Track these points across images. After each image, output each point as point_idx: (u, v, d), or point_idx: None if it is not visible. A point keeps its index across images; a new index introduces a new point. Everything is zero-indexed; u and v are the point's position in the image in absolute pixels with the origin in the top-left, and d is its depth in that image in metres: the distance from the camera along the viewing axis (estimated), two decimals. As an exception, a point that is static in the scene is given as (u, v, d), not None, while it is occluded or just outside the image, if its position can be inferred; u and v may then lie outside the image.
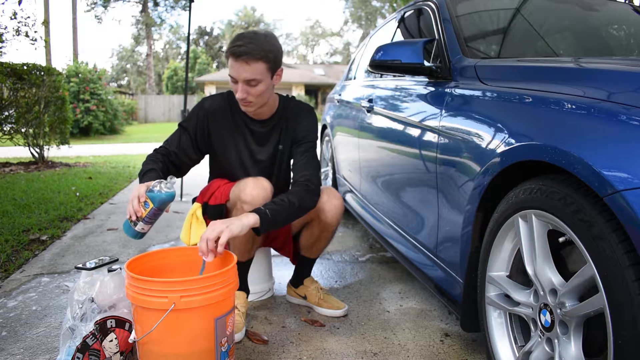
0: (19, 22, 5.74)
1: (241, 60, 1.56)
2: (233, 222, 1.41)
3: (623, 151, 0.88)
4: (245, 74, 1.58)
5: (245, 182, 1.66)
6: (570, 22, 2.11)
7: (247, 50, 1.54)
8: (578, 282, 0.97)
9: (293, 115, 1.82)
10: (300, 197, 1.59)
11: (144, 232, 1.53)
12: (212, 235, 1.36)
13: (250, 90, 1.61)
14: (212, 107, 1.81)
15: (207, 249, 1.36)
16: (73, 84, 14.36)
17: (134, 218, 1.48)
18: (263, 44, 1.57)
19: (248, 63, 1.56)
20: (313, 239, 1.87)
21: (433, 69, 1.74)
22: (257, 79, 1.59)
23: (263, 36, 1.59)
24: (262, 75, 1.60)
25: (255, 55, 1.55)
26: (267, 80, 1.63)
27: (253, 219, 1.44)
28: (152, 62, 32.45)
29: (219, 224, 1.40)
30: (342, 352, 1.60)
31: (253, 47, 1.55)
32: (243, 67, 1.57)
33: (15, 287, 2.16)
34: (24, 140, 6.55)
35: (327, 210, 1.77)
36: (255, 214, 1.46)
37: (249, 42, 1.55)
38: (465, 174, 1.39)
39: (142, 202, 1.48)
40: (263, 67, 1.59)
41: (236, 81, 1.61)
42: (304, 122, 1.81)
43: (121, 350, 1.45)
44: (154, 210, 1.48)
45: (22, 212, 3.52)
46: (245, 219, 1.43)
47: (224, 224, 1.39)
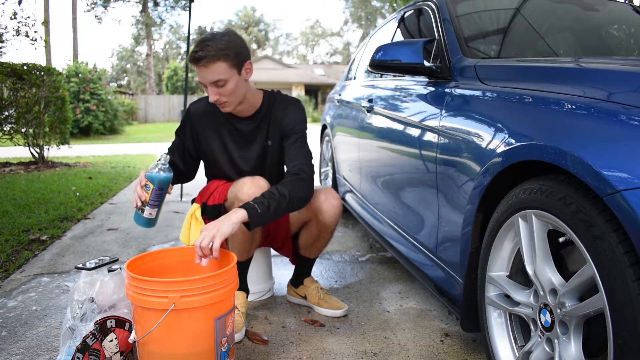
0: (19, 22, 5.74)
1: (201, 65, 1.57)
2: (223, 223, 1.41)
3: (623, 151, 0.88)
4: (209, 77, 1.59)
5: (243, 182, 1.66)
6: (570, 22, 2.11)
7: (203, 55, 1.55)
8: (578, 282, 0.97)
9: (279, 109, 1.80)
10: (292, 187, 1.57)
11: (153, 218, 1.59)
12: (204, 243, 1.37)
13: (220, 91, 1.62)
14: (198, 110, 1.83)
15: (202, 255, 1.38)
16: (73, 84, 14.36)
17: (139, 204, 1.56)
18: (219, 44, 1.56)
19: (207, 66, 1.57)
20: (312, 239, 1.87)
21: (433, 69, 1.74)
22: (222, 79, 1.59)
23: (220, 35, 1.59)
24: (227, 73, 1.59)
25: (212, 57, 1.55)
26: (234, 77, 1.62)
27: (242, 214, 1.44)
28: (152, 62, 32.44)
29: (210, 228, 1.40)
30: (342, 352, 1.60)
31: (209, 49, 1.55)
32: (204, 71, 1.58)
33: (15, 287, 2.16)
34: (24, 140, 6.55)
35: (325, 211, 1.77)
36: (243, 209, 1.45)
37: (204, 46, 1.55)
38: (465, 174, 1.39)
39: (144, 186, 1.57)
40: (224, 66, 1.58)
41: (205, 86, 1.63)
42: (290, 114, 1.78)
43: (121, 350, 1.45)
44: (156, 191, 1.56)
45: (22, 212, 3.52)
46: (234, 216, 1.43)
47: (215, 228, 1.39)
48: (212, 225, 1.41)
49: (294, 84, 28.11)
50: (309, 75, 29.31)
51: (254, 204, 1.48)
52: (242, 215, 1.44)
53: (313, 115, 25.71)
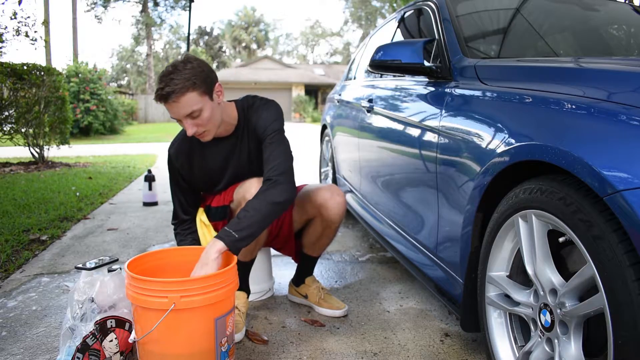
0: (19, 22, 5.75)
1: (170, 101, 1.49)
2: (206, 263, 1.39)
3: (623, 151, 0.88)
4: (182, 111, 1.51)
5: (250, 183, 1.66)
6: (570, 22, 2.11)
7: (170, 90, 1.47)
8: (578, 282, 0.97)
9: (252, 117, 1.74)
10: (269, 196, 1.52)
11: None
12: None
13: (197, 122, 1.55)
14: (177, 152, 1.75)
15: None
16: (73, 84, 14.36)
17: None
18: (183, 74, 1.48)
19: (177, 101, 1.49)
20: (316, 236, 1.87)
21: (433, 69, 1.74)
22: (196, 109, 1.51)
23: (182, 66, 1.51)
24: (199, 102, 1.52)
25: (180, 90, 1.47)
26: (208, 104, 1.55)
27: (219, 246, 1.41)
28: (152, 62, 32.43)
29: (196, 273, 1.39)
30: (342, 352, 1.60)
31: (174, 83, 1.47)
32: (176, 107, 1.50)
33: (15, 287, 2.16)
34: (24, 140, 6.56)
35: (330, 207, 1.77)
36: (220, 241, 1.42)
37: (169, 81, 1.47)
38: (465, 174, 1.39)
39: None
40: (195, 96, 1.50)
41: (179, 120, 1.55)
42: (262, 118, 1.72)
43: (121, 350, 1.45)
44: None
45: (22, 212, 3.52)
46: (212, 252, 1.40)
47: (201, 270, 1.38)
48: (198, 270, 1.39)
49: (294, 84, 28.10)
50: (309, 75, 29.31)
51: (229, 229, 1.45)
52: (220, 247, 1.42)
53: (313, 115, 25.71)
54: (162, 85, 1.48)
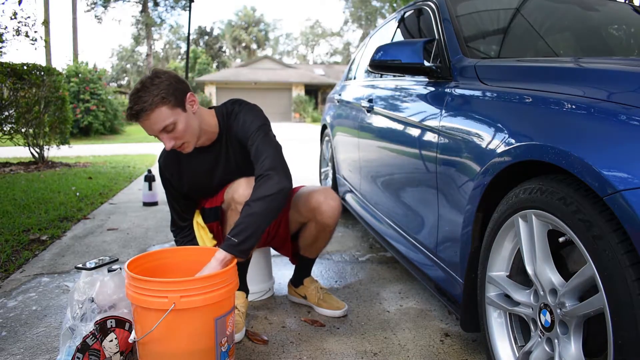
0: (19, 22, 5.75)
1: (141, 119, 1.49)
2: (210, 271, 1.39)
3: (623, 151, 0.88)
4: (155, 127, 1.50)
5: (238, 183, 1.66)
6: (570, 22, 2.11)
7: (139, 108, 1.47)
8: (578, 282, 0.97)
9: (232, 123, 1.72)
10: (263, 191, 1.49)
11: None
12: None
13: (173, 136, 1.53)
14: (165, 162, 1.76)
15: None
16: (73, 84, 14.36)
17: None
18: (151, 91, 1.47)
19: (148, 118, 1.48)
20: (311, 239, 1.87)
21: (433, 69, 1.74)
22: (169, 123, 1.50)
23: (149, 82, 1.49)
24: (171, 116, 1.50)
25: (150, 107, 1.46)
26: (181, 116, 1.53)
27: (220, 256, 1.41)
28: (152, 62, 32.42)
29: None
30: (342, 352, 1.60)
31: (143, 99, 1.46)
32: (148, 123, 1.50)
33: (15, 287, 2.16)
34: (24, 140, 6.56)
35: (324, 211, 1.77)
36: (222, 250, 1.42)
37: (137, 99, 1.47)
38: (465, 174, 1.39)
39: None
40: (165, 110, 1.49)
41: (156, 136, 1.55)
42: (240, 125, 1.69)
43: (121, 350, 1.45)
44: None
45: (22, 212, 3.52)
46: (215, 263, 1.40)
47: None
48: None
49: (294, 84, 28.10)
50: (309, 75, 29.30)
51: (229, 236, 1.44)
52: (223, 256, 1.41)
53: (313, 115, 25.71)
54: (132, 105, 1.49)
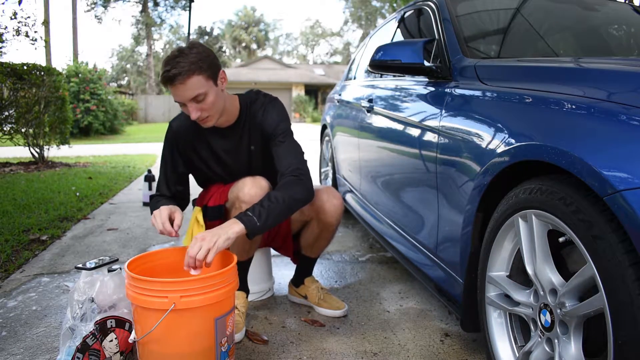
0: (19, 22, 5.75)
1: (176, 83, 1.49)
2: (219, 236, 1.37)
3: (623, 151, 0.88)
4: (186, 94, 1.51)
5: (244, 182, 1.65)
6: (570, 22, 2.11)
7: (177, 72, 1.47)
8: (578, 282, 0.97)
9: (257, 113, 1.75)
10: (291, 191, 1.53)
11: None
12: (200, 255, 1.33)
13: (201, 107, 1.55)
14: (180, 127, 1.75)
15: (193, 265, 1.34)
16: (73, 84, 14.36)
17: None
18: (190, 57, 1.49)
19: (184, 83, 1.49)
20: (313, 238, 1.87)
21: (433, 69, 1.74)
22: (201, 93, 1.52)
23: (188, 50, 1.52)
24: (204, 86, 1.52)
25: (187, 72, 1.48)
26: (212, 89, 1.55)
27: (238, 228, 1.41)
28: (152, 62, 32.43)
29: (207, 240, 1.35)
30: (342, 352, 1.60)
31: (181, 65, 1.48)
32: (181, 89, 1.50)
33: (15, 287, 2.16)
34: (24, 140, 6.56)
35: (327, 210, 1.77)
36: (240, 223, 1.41)
37: (176, 63, 1.48)
38: (465, 174, 1.39)
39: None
40: (201, 79, 1.51)
41: (184, 104, 1.55)
42: (269, 116, 1.72)
43: (121, 350, 1.45)
44: None
45: (22, 212, 3.52)
46: (231, 231, 1.39)
47: (212, 240, 1.35)
48: (209, 237, 1.36)
49: (294, 84, 28.11)
50: (309, 75, 29.31)
51: (252, 214, 1.44)
52: (239, 229, 1.41)
53: (313, 115, 25.71)
54: (169, 68, 1.49)
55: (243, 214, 1.44)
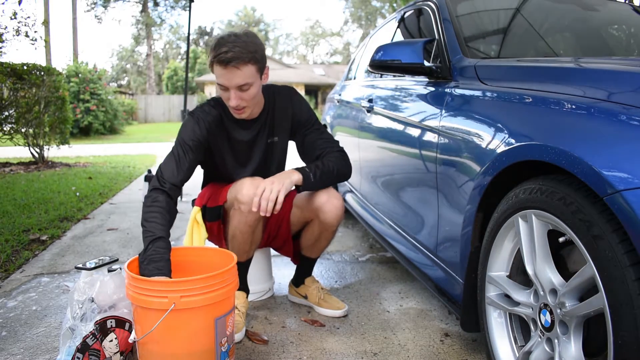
0: (19, 22, 5.75)
1: (231, 66, 1.48)
2: (283, 180, 1.55)
3: (623, 151, 0.88)
4: (237, 80, 1.51)
5: (242, 183, 1.65)
6: (570, 22, 2.11)
7: (235, 55, 1.46)
8: (578, 282, 0.97)
9: (283, 104, 1.77)
10: (338, 163, 1.70)
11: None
12: (273, 196, 1.51)
13: (243, 96, 1.56)
14: (207, 119, 1.70)
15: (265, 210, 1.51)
16: (73, 84, 14.36)
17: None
18: (248, 45, 1.49)
19: (239, 68, 1.49)
20: (313, 239, 1.87)
21: (433, 69, 1.74)
22: (249, 82, 1.53)
23: (245, 36, 1.51)
24: (253, 77, 1.54)
25: (244, 59, 1.48)
26: (258, 81, 1.58)
27: (296, 177, 1.58)
28: (152, 62, 32.43)
29: (275, 182, 1.53)
30: (342, 352, 1.60)
31: (239, 50, 1.47)
32: (234, 73, 1.50)
33: (15, 287, 2.16)
34: (24, 140, 6.56)
35: (327, 211, 1.77)
36: (299, 173, 1.59)
37: (234, 46, 1.46)
38: (465, 174, 1.39)
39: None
40: (253, 69, 1.53)
41: (227, 89, 1.55)
42: (298, 106, 1.79)
43: (121, 350, 1.45)
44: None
45: (22, 212, 3.52)
46: (293, 176, 1.58)
47: (279, 183, 1.53)
48: (277, 180, 1.54)
49: (294, 84, 28.09)
50: (309, 75, 29.31)
51: (309, 171, 1.61)
52: (298, 178, 1.59)
53: (313, 115, 25.65)
54: (226, 50, 1.47)
55: (300, 168, 1.61)
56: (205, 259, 1.56)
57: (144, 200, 1.55)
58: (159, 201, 1.51)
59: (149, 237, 1.43)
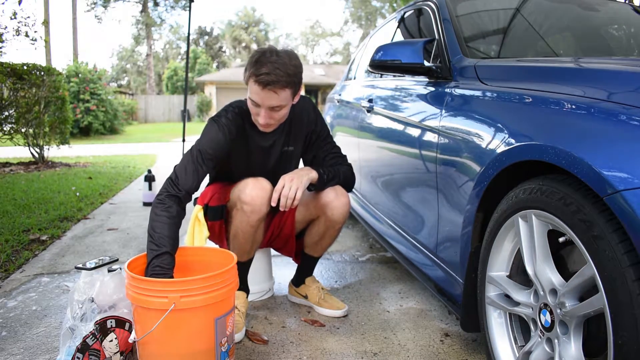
0: (19, 22, 5.74)
1: (268, 89, 1.48)
2: (302, 177, 1.64)
3: (623, 151, 0.88)
4: (271, 102, 1.52)
5: (245, 183, 1.65)
6: (570, 22, 2.11)
7: (275, 79, 1.46)
8: (578, 282, 0.97)
9: (299, 116, 1.79)
10: (347, 174, 1.82)
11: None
12: (292, 194, 1.59)
13: (273, 115, 1.57)
14: (231, 127, 1.66)
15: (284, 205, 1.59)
16: (73, 84, 14.36)
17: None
18: (288, 69, 1.49)
19: (276, 92, 1.50)
20: (318, 236, 1.87)
21: (433, 69, 1.74)
22: (282, 104, 1.55)
23: (287, 58, 1.50)
24: (287, 100, 1.56)
25: (282, 83, 1.48)
26: (290, 102, 1.60)
27: (314, 174, 1.68)
28: (152, 62, 32.43)
29: (294, 180, 1.61)
30: (342, 352, 1.60)
31: (280, 73, 1.47)
32: (270, 96, 1.50)
33: (15, 287, 2.16)
34: (24, 140, 6.56)
35: (334, 208, 1.77)
36: (315, 171, 1.69)
37: (275, 69, 1.46)
38: (465, 174, 1.39)
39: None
40: (289, 94, 1.55)
41: (258, 105, 1.55)
42: (316, 120, 1.84)
43: (121, 350, 1.45)
44: None
45: (22, 212, 3.52)
46: (311, 174, 1.68)
47: (298, 180, 1.61)
48: (296, 177, 1.62)
49: (294, 83, 28.04)
50: (309, 75, 29.29)
51: (324, 174, 1.71)
52: (314, 176, 1.69)
53: (313, 115, 25.64)
54: (267, 72, 1.46)
55: (315, 167, 1.73)
56: (205, 259, 1.56)
57: (154, 201, 1.51)
58: (170, 210, 1.47)
59: (155, 250, 1.40)
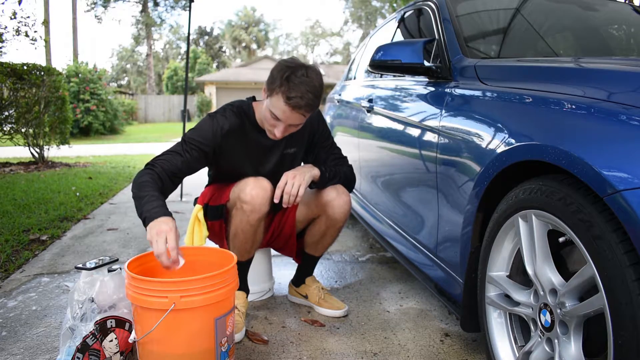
0: (19, 22, 5.74)
1: (301, 111, 1.54)
2: (305, 174, 1.67)
3: (623, 151, 0.88)
4: (296, 121, 1.58)
5: (246, 182, 1.66)
6: (570, 22, 2.11)
7: (307, 104, 1.52)
8: (578, 282, 0.97)
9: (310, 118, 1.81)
10: (349, 175, 1.86)
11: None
12: (294, 191, 1.63)
13: (291, 130, 1.63)
14: (231, 127, 1.69)
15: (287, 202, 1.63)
16: (73, 84, 14.36)
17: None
18: (318, 92, 1.54)
19: (305, 115, 1.57)
20: (319, 235, 1.87)
21: (433, 69, 1.74)
22: (302, 123, 1.62)
23: (316, 78, 1.55)
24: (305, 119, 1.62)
25: (313, 109, 1.56)
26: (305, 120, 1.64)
27: (316, 172, 1.72)
28: (152, 62, 32.44)
29: (297, 177, 1.64)
30: (342, 352, 1.60)
31: (311, 97, 1.52)
32: (297, 117, 1.56)
33: (15, 287, 2.16)
34: (24, 140, 6.56)
35: (336, 206, 1.77)
36: (317, 169, 1.72)
37: (306, 92, 1.51)
38: (465, 174, 1.39)
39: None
40: (309, 116, 1.62)
41: (279, 119, 1.57)
42: (318, 124, 1.86)
43: (121, 350, 1.45)
44: None
45: (22, 212, 3.52)
46: (313, 171, 1.70)
47: (301, 177, 1.65)
48: (298, 174, 1.65)
49: (294, 84, 28.02)
50: (309, 75, 29.24)
51: (327, 172, 1.75)
52: (317, 173, 1.72)
53: (313, 115, 25.63)
54: (300, 95, 1.51)
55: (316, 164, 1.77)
56: (205, 259, 1.56)
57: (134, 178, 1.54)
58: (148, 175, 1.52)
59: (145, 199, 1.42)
